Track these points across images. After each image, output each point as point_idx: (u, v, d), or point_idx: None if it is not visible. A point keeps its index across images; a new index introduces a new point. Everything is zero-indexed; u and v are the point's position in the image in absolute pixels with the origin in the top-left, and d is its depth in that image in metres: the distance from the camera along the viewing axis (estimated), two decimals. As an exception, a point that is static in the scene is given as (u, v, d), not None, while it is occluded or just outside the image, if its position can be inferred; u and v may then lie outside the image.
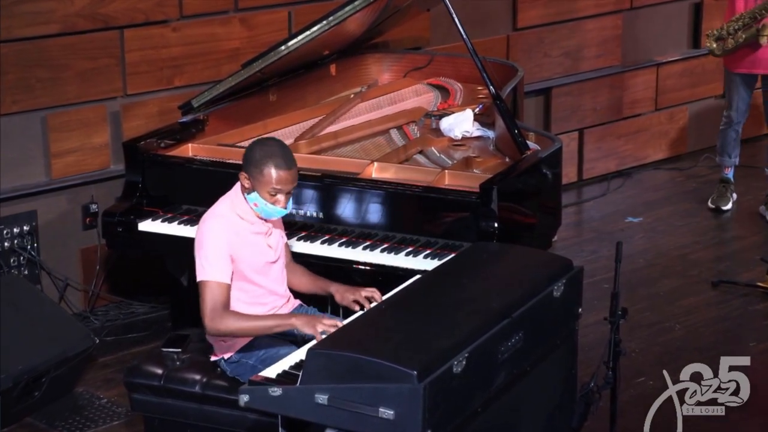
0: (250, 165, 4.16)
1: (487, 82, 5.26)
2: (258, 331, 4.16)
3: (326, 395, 3.52)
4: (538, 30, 7.66)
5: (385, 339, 3.68)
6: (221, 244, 4.15)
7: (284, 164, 4.15)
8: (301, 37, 5.50)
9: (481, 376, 3.70)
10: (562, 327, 4.21)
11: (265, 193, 4.16)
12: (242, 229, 4.23)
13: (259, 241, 4.26)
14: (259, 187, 4.16)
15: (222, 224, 4.19)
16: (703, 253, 6.88)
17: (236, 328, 4.13)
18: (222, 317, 4.10)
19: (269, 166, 4.13)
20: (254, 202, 4.19)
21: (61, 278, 6.02)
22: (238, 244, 4.20)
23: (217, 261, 4.14)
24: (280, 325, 4.13)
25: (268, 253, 4.29)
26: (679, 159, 8.40)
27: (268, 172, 4.13)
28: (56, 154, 5.95)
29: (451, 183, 5.06)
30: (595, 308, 5.78)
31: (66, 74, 5.92)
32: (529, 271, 4.21)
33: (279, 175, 4.14)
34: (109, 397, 5.36)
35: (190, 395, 4.32)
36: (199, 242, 4.19)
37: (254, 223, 4.26)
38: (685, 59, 8.36)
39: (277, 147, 4.19)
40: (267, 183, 4.14)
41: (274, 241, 4.33)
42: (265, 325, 4.14)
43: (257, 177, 4.15)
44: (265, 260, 4.28)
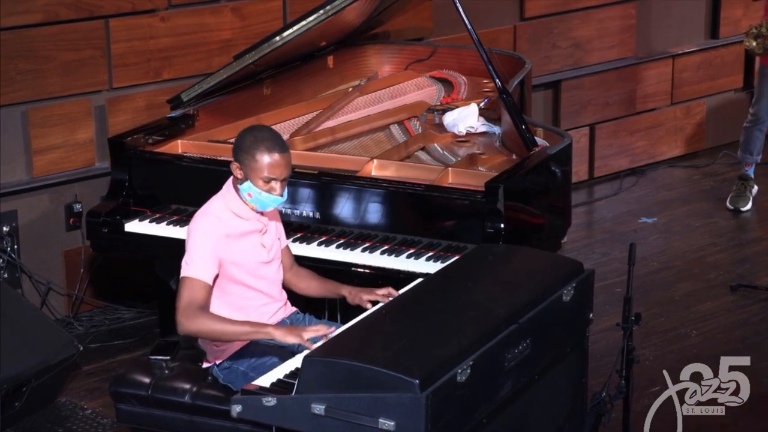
0: (241, 152, 4.17)
1: (492, 74, 5.27)
2: (230, 335, 4.14)
3: (323, 405, 3.53)
4: (546, 20, 7.67)
5: (385, 346, 3.69)
6: (208, 244, 4.17)
7: (277, 148, 4.16)
8: (297, 28, 5.51)
9: (486, 385, 3.71)
10: (571, 333, 4.22)
11: (259, 181, 4.17)
12: (235, 228, 4.24)
13: (253, 240, 4.27)
14: (252, 175, 4.17)
15: (212, 223, 4.21)
16: (721, 255, 6.89)
17: (207, 329, 4.12)
18: (195, 316, 4.09)
19: (261, 152, 4.14)
20: (248, 192, 4.20)
21: (43, 282, 6.03)
22: (229, 246, 4.21)
23: (201, 260, 4.15)
24: (255, 332, 4.11)
25: (261, 253, 4.30)
26: (696, 156, 8.41)
27: (260, 157, 4.14)
28: (38, 151, 5.96)
29: (454, 181, 5.07)
30: (607, 313, 5.79)
31: (48, 66, 5.93)
32: (537, 275, 4.22)
33: (272, 160, 4.14)
34: (93, 408, 5.37)
35: (180, 405, 4.33)
36: (187, 239, 4.22)
37: (248, 219, 4.27)
38: (702, 50, 8.36)
39: (267, 132, 4.21)
40: (260, 170, 4.15)
41: (269, 240, 4.34)
42: (238, 331, 4.11)
43: (249, 164, 4.16)
44: (258, 260, 4.28)
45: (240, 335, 4.14)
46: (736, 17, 8.43)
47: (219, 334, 4.15)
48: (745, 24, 7.72)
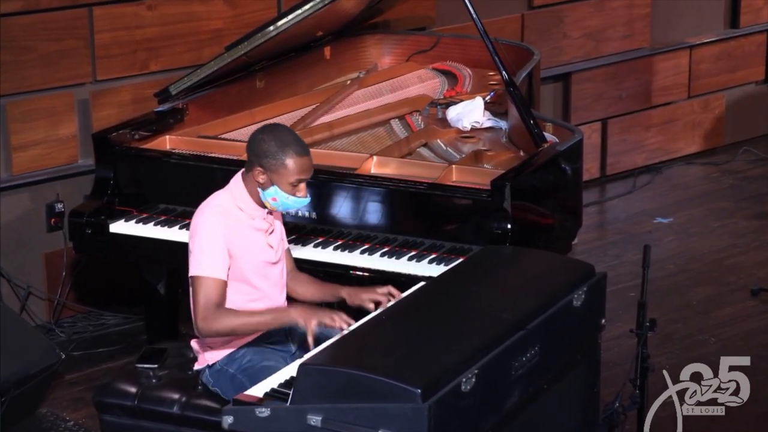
0: (266, 158, 4.20)
1: (499, 66, 5.29)
2: (255, 327, 4.22)
3: (320, 416, 3.54)
4: (556, 8, 7.69)
5: (385, 353, 3.70)
6: (218, 236, 4.19)
7: (303, 151, 4.22)
8: (292, 17, 5.52)
9: (492, 395, 3.72)
10: (582, 340, 4.23)
11: (287, 185, 4.21)
12: (242, 222, 4.27)
13: (259, 239, 4.30)
14: (279, 180, 4.21)
15: (219, 214, 4.23)
16: (741, 257, 6.90)
17: (232, 327, 4.18)
18: (216, 316, 4.15)
19: (290, 156, 4.19)
20: (272, 197, 4.24)
21: (23, 286, 6.04)
22: (237, 238, 4.23)
23: (212, 254, 4.18)
24: (278, 319, 4.20)
25: (268, 252, 4.32)
26: (715, 152, 8.43)
27: (290, 162, 4.19)
28: (17, 147, 5.97)
29: (458, 179, 5.08)
30: (620, 319, 5.81)
31: (28, 57, 5.94)
32: (546, 278, 4.24)
33: (302, 164, 4.20)
34: (76, 419, 5.38)
35: (168, 416, 4.34)
36: (193, 233, 4.24)
37: (255, 218, 4.29)
38: (721, 40, 8.38)
39: (289, 134, 4.27)
40: (290, 174, 4.20)
41: (275, 241, 4.37)
42: (262, 321, 4.20)
43: (277, 170, 4.19)
44: (264, 259, 4.31)
45: (265, 325, 4.23)
46: (758, 5, 8.44)
47: (244, 329, 4.22)
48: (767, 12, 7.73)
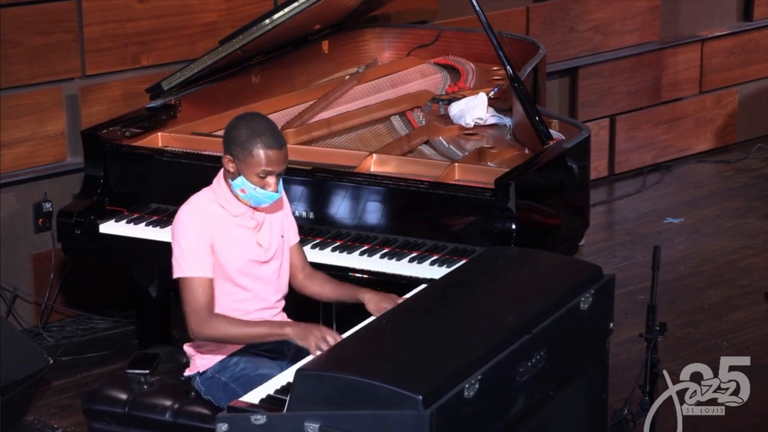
0: (235, 145, 4.20)
1: (503, 61, 5.29)
2: (246, 338, 4.22)
3: (317, 423, 3.54)
4: (562, 1, 7.69)
5: (386, 358, 3.70)
6: (194, 234, 4.20)
7: (274, 142, 4.19)
8: (289, 9, 5.52)
9: (496, 401, 3.73)
10: (590, 345, 4.24)
11: (254, 177, 4.19)
12: (223, 219, 4.26)
13: (244, 236, 4.29)
14: (246, 170, 4.20)
15: (195, 211, 4.23)
16: (755, 259, 6.91)
17: (223, 334, 4.19)
18: (207, 321, 4.16)
19: (258, 146, 4.17)
20: (240, 188, 4.23)
21: (9, 288, 6.05)
22: (217, 236, 4.23)
23: (193, 253, 4.19)
24: (272, 334, 4.19)
25: (256, 251, 4.32)
26: (727, 150, 8.44)
27: (257, 152, 4.17)
28: (4, 145, 5.98)
29: (461, 178, 5.09)
30: (629, 323, 5.81)
31: (14, 51, 5.94)
32: (553, 280, 4.24)
33: (270, 156, 4.18)
34: (64, 428, 5.38)
35: (160, 424, 4.34)
36: (173, 234, 4.25)
37: (238, 215, 4.28)
38: (734, 33, 8.39)
39: (263, 123, 4.24)
40: (256, 165, 4.18)
41: (266, 238, 4.35)
42: (255, 333, 4.20)
43: (244, 159, 4.18)
44: (251, 258, 4.30)
45: (258, 338, 4.22)
46: (772, -3, 8.46)
47: (235, 338, 4.23)
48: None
